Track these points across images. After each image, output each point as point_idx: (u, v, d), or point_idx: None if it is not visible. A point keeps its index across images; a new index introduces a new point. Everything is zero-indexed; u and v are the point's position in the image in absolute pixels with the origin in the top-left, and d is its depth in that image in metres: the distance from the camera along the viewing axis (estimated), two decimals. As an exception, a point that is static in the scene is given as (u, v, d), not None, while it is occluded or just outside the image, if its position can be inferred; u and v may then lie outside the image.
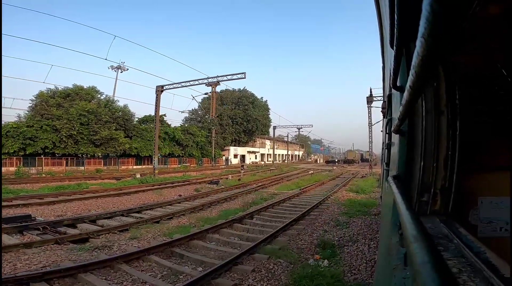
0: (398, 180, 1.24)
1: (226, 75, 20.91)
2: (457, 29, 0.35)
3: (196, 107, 53.92)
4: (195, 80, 21.61)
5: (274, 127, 52.94)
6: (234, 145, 55.62)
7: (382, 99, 6.06)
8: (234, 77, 20.58)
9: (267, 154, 63.72)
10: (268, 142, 64.35)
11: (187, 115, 54.09)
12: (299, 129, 54.09)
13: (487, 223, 1.56)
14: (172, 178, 23.14)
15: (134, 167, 33.86)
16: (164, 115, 38.24)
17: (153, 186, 17.53)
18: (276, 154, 69.22)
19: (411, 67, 0.49)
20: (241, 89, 59.35)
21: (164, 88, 22.17)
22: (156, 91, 22.42)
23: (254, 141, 63.36)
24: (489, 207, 1.55)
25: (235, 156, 53.94)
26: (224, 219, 8.76)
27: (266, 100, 62.13)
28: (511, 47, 1.32)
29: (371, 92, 25.08)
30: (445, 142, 1.18)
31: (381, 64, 4.81)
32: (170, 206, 11.71)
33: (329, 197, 13.65)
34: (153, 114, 37.25)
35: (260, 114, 56.07)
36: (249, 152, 57.41)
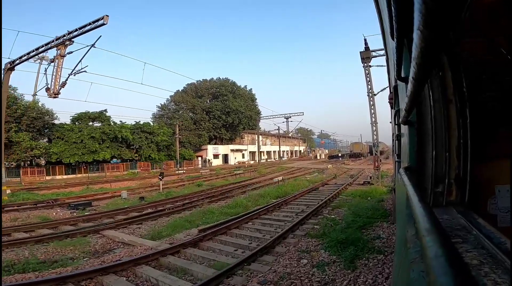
0: (409, 172, 1.23)
1: (79, 28, 12.16)
2: (454, 19, 0.34)
3: (166, 102, 45.49)
4: (43, 45, 12.98)
5: (258, 119, 43.59)
6: (215, 143, 46.73)
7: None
8: (92, 25, 11.78)
9: (259, 152, 54.38)
10: (260, 138, 54.98)
11: (155, 111, 45.77)
12: (287, 118, 44.35)
13: (506, 212, 1.50)
14: (50, 194, 14.77)
15: (63, 177, 25.65)
16: (105, 110, 29.89)
17: None
18: (270, 151, 59.81)
19: (412, 59, 0.47)
20: (222, 78, 50.52)
21: (14, 64, 13.57)
22: (3, 70, 13.87)
23: (242, 138, 54.19)
24: (507, 196, 1.49)
25: (215, 156, 45.03)
26: None
27: (251, 89, 52.86)
28: None
29: (366, 43, 15.49)
30: (456, 131, 1.16)
31: (384, 56, 5.06)
32: None
33: None
34: (91, 110, 29.35)
35: (242, 105, 46.78)
36: (232, 150, 48.26)
